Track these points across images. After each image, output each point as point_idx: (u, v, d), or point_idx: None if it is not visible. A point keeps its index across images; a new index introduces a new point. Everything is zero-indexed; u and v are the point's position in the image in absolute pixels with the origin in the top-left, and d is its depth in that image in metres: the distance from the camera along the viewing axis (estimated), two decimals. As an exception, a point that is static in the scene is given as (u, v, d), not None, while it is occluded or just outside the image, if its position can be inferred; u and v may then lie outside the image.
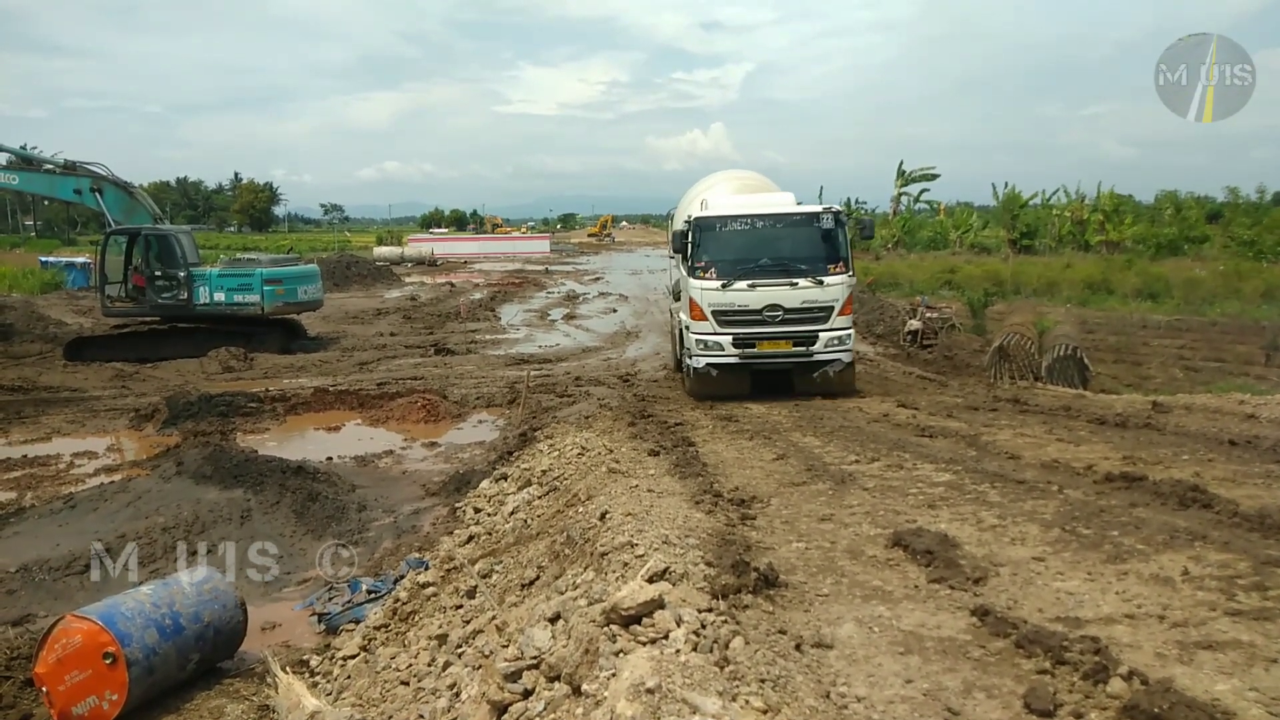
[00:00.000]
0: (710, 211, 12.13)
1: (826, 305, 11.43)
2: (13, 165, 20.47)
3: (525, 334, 23.53)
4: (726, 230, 11.82)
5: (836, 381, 11.65)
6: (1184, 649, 3.35)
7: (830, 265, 11.57)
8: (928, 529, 4.90)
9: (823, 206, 12.15)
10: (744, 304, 11.38)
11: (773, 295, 11.39)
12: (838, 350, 11.53)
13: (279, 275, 20.37)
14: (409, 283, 40.92)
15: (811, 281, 11.42)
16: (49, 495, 9.49)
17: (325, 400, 14.56)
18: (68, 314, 25.97)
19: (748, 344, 11.44)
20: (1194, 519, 4.98)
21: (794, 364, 11.67)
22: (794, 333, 11.44)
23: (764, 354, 11.55)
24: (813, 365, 11.56)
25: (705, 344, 11.57)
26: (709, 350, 11.56)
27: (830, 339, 11.45)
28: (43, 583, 7.06)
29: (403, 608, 5.91)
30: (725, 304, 11.42)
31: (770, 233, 11.90)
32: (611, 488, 6.03)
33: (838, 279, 11.51)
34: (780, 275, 11.50)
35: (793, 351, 11.53)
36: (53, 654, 5.02)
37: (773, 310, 11.37)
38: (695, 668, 2.77)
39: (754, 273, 11.48)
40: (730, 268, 11.55)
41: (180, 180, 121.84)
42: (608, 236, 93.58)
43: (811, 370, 11.61)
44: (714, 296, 11.46)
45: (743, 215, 11.93)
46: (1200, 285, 25.31)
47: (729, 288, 11.42)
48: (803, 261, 11.61)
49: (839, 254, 11.72)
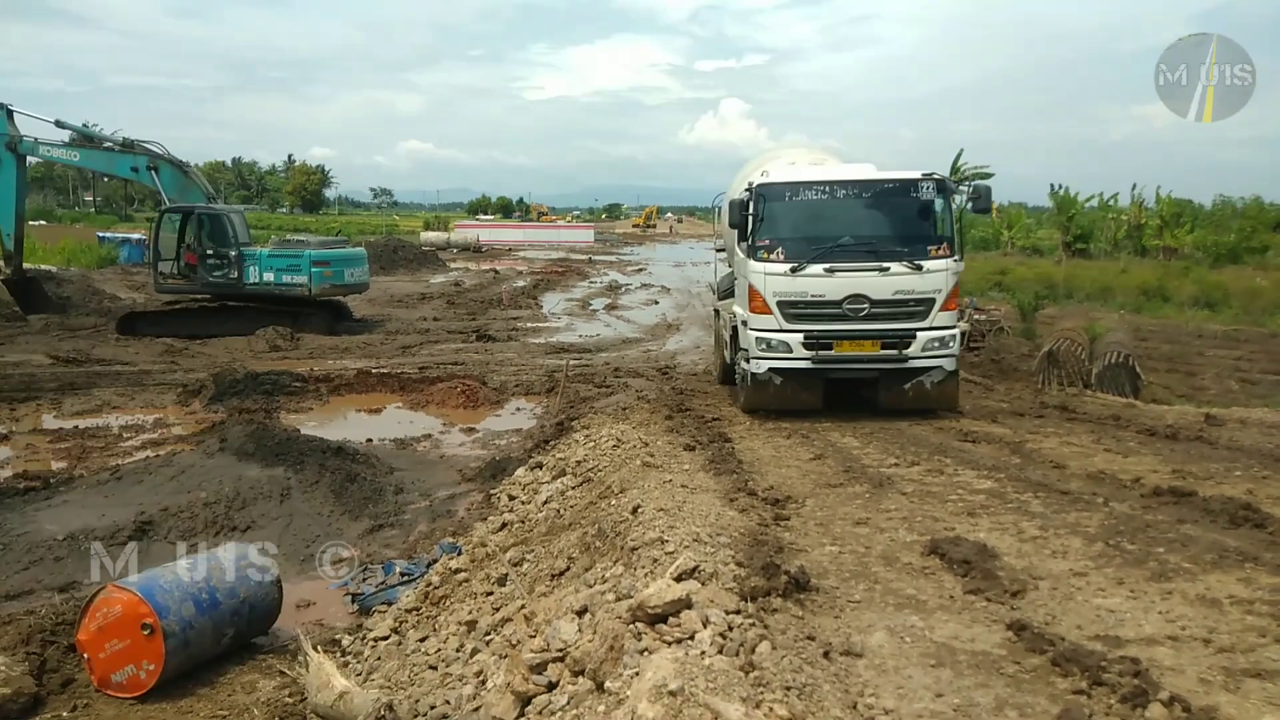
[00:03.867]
0: (778, 177, 10.01)
1: (926, 297, 9.30)
2: (75, 142, 21.01)
3: (566, 323, 23.57)
4: (798, 200, 9.68)
5: (935, 395, 9.47)
6: (1230, 675, 3.23)
7: (931, 247, 9.41)
8: (966, 538, 4.80)
9: (922, 172, 9.69)
10: (819, 293, 9.30)
11: (857, 283, 9.26)
12: (939, 355, 9.34)
13: (327, 257, 20.65)
14: (454, 268, 41.25)
15: (907, 266, 9.24)
16: (97, 466, 9.73)
17: (367, 382, 14.73)
18: (122, 289, 26.61)
19: (823, 345, 9.34)
20: (1245, 539, 4.81)
21: (881, 371, 9.53)
22: (883, 331, 9.31)
23: (843, 358, 9.43)
24: (905, 374, 9.40)
25: (767, 344, 9.45)
26: (772, 352, 9.48)
27: (930, 340, 9.26)
28: (88, 551, 7.23)
29: (434, 592, 5.95)
30: (795, 293, 9.33)
31: (854, 204, 9.78)
32: (645, 481, 6.00)
33: (941, 264, 9.32)
34: (867, 258, 9.37)
35: (881, 355, 9.36)
36: (94, 622, 5.14)
37: (856, 302, 9.26)
38: (720, 671, 2.73)
39: (833, 254, 9.34)
40: (802, 248, 9.44)
41: (235, 160, 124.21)
42: (651, 228, 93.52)
43: (903, 380, 9.43)
44: (781, 284, 9.36)
45: (819, 181, 9.78)
46: (1261, 295, 24.53)
47: (800, 272, 9.28)
48: (896, 241, 9.57)
49: (942, 232, 9.58)
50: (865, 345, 9.38)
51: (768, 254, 9.53)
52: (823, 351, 9.39)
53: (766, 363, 9.51)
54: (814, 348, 9.37)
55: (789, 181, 9.85)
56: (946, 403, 9.73)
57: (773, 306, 9.45)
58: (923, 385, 9.40)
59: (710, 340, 18.91)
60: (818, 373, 9.51)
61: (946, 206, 9.65)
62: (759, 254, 9.56)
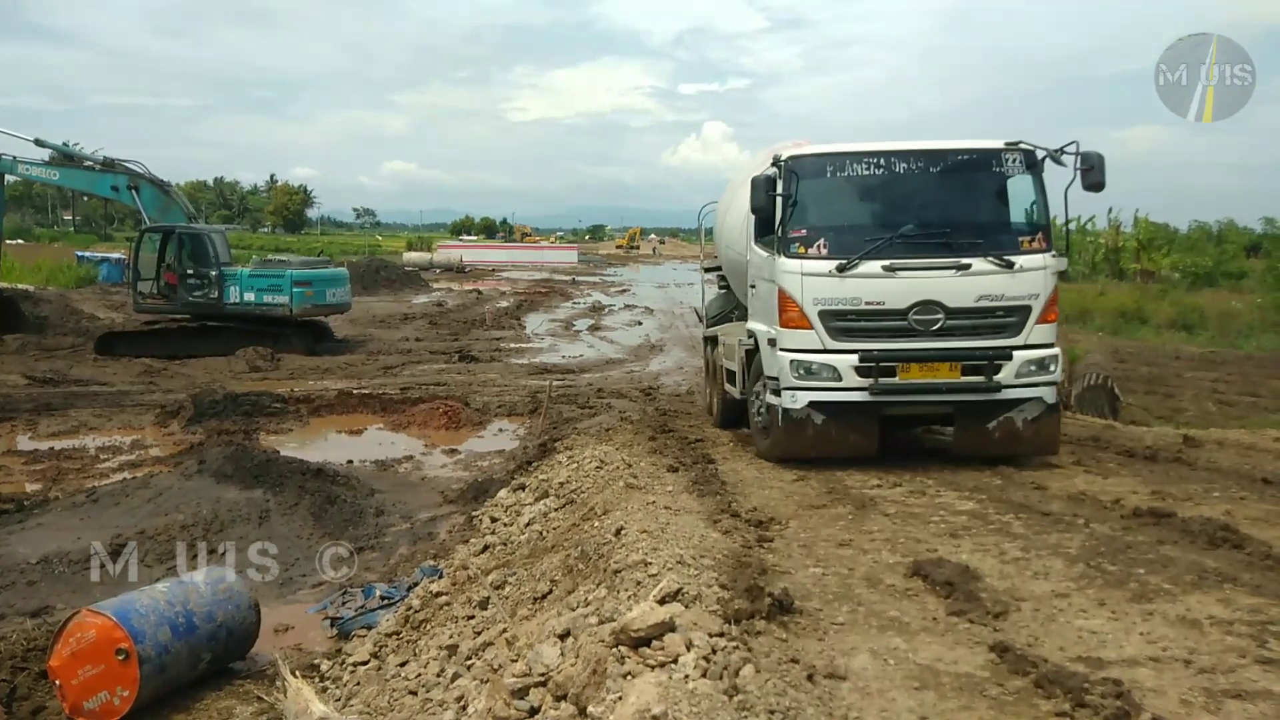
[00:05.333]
0: (816, 147, 7.86)
1: (1019, 304, 7.22)
2: (54, 161, 20.90)
3: (549, 343, 23.56)
4: (844, 177, 7.57)
5: (1029, 436, 7.36)
6: (1211, 697, 3.24)
7: (1023, 237, 7.41)
8: (949, 559, 4.80)
9: (1005, 141, 7.54)
10: (876, 300, 7.23)
11: (927, 286, 7.19)
12: (1037, 383, 7.24)
13: (308, 277, 20.61)
14: (437, 288, 41.20)
15: (994, 263, 7.18)
16: (73, 488, 9.60)
17: (348, 403, 14.65)
18: (100, 309, 26.39)
19: (884, 369, 7.21)
20: (1224, 559, 4.84)
21: (957, 405, 7.44)
22: (965, 351, 7.23)
23: (911, 387, 7.26)
24: (990, 408, 7.29)
25: (806, 369, 7.30)
26: (812, 380, 7.28)
27: (1027, 363, 7.19)
28: (62, 575, 7.13)
29: (415, 616, 5.89)
30: (844, 300, 7.25)
31: (918, 182, 7.66)
32: (628, 503, 5.98)
33: (1037, 260, 7.27)
34: (939, 252, 7.32)
35: (963, 384, 7.22)
36: (67, 648, 5.05)
37: (927, 311, 7.19)
38: (703, 695, 2.71)
39: (893, 248, 7.28)
40: (852, 239, 7.40)
41: (217, 180, 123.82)
42: (635, 249, 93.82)
43: (986, 416, 7.33)
44: (824, 288, 7.24)
45: (871, 152, 7.59)
46: (1237, 318, 24.86)
47: (850, 272, 7.19)
48: (975, 230, 7.53)
49: (1036, 219, 7.53)
50: (941, 370, 7.22)
51: (805, 248, 7.36)
52: (884, 379, 7.21)
53: (805, 395, 7.27)
54: (872, 374, 7.20)
55: (831, 152, 7.64)
56: (1044, 445, 7.54)
57: (813, 318, 7.28)
58: (1013, 423, 7.26)
59: (695, 363, 19.05)
60: (873, 407, 7.31)
61: (1039, 185, 7.49)
62: (793, 249, 7.41)
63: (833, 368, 7.28)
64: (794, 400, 7.37)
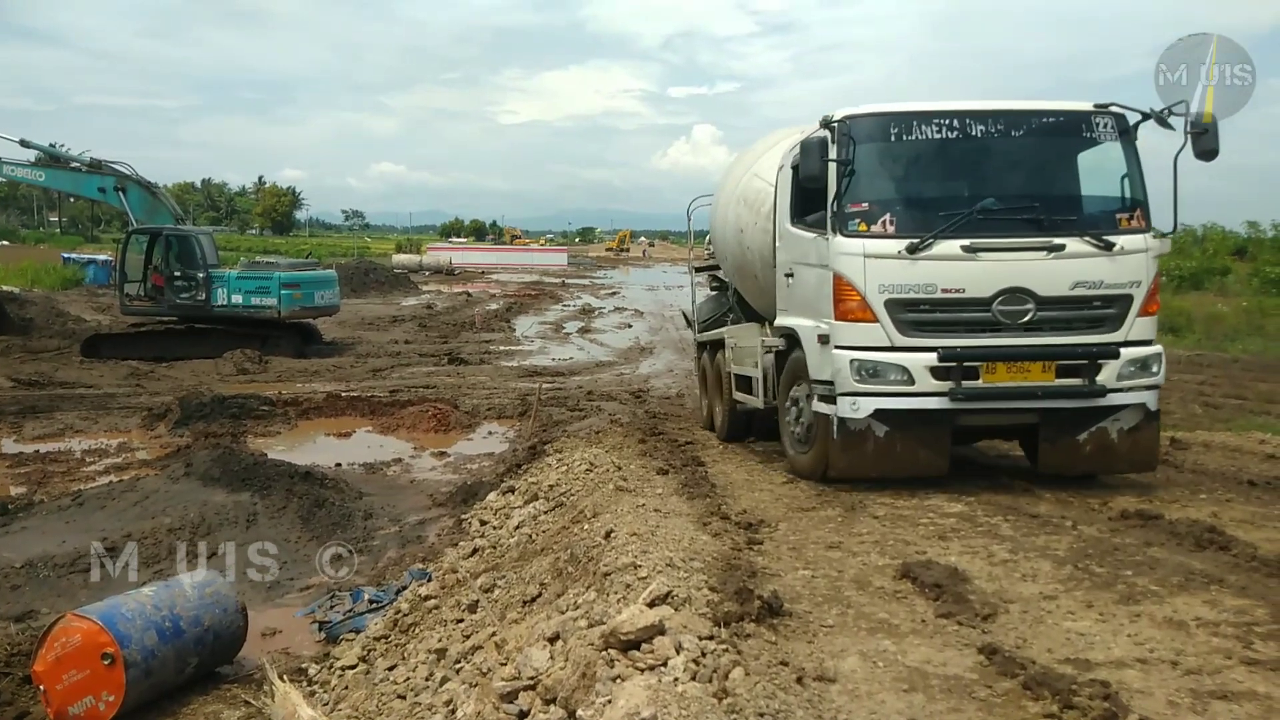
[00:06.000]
0: (879, 107, 6.68)
1: (1119, 293, 6.29)
2: (40, 162, 20.77)
3: (539, 346, 23.54)
4: (913, 141, 6.53)
5: (1125, 450, 6.43)
6: (1197, 698, 3.26)
7: (1120, 214, 6.46)
8: (937, 561, 4.81)
9: (1094, 103, 6.59)
10: (955, 286, 6.22)
11: (1015, 270, 6.23)
12: (1140, 386, 6.33)
13: (296, 279, 20.54)
14: (426, 291, 41.13)
15: (1092, 243, 6.24)
16: (58, 491, 9.53)
17: (337, 406, 14.59)
18: (87, 311, 26.23)
19: (965, 370, 6.20)
20: (1210, 561, 4.87)
21: (1044, 413, 6.44)
22: (1060, 348, 6.26)
23: (999, 391, 6.23)
24: (1081, 416, 6.35)
25: (871, 370, 6.26)
26: (877, 383, 6.26)
27: (1131, 362, 6.27)
28: (47, 579, 7.07)
29: (403, 619, 5.87)
30: (917, 286, 6.23)
31: (996, 148, 6.66)
32: (618, 506, 5.98)
33: (1137, 241, 6.33)
34: (1026, 229, 6.37)
35: (1059, 388, 6.24)
36: (52, 652, 5.01)
37: (1015, 301, 6.20)
38: (693, 699, 2.71)
39: (973, 224, 6.28)
40: (922, 214, 6.52)
41: (205, 182, 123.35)
42: (625, 251, 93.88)
43: (1076, 426, 6.39)
44: (892, 271, 6.24)
45: (944, 112, 6.53)
46: (1222, 320, 25.04)
47: (924, 252, 6.20)
48: (1065, 205, 6.62)
49: (1133, 193, 6.51)
50: (1032, 371, 6.21)
51: (867, 225, 6.35)
52: (968, 382, 6.18)
53: (870, 401, 6.24)
54: (952, 375, 6.17)
55: (896, 112, 6.60)
56: (1141, 460, 6.59)
57: (878, 309, 6.25)
58: (1107, 435, 6.32)
59: (685, 365, 19.02)
60: (947, 417, 6.30)
61: (1133, 154, 6.51)
62: (852, 226, 6.36)
63: (903, 368, 6.20)
64: (855, 408, 6.23)
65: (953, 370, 6.20)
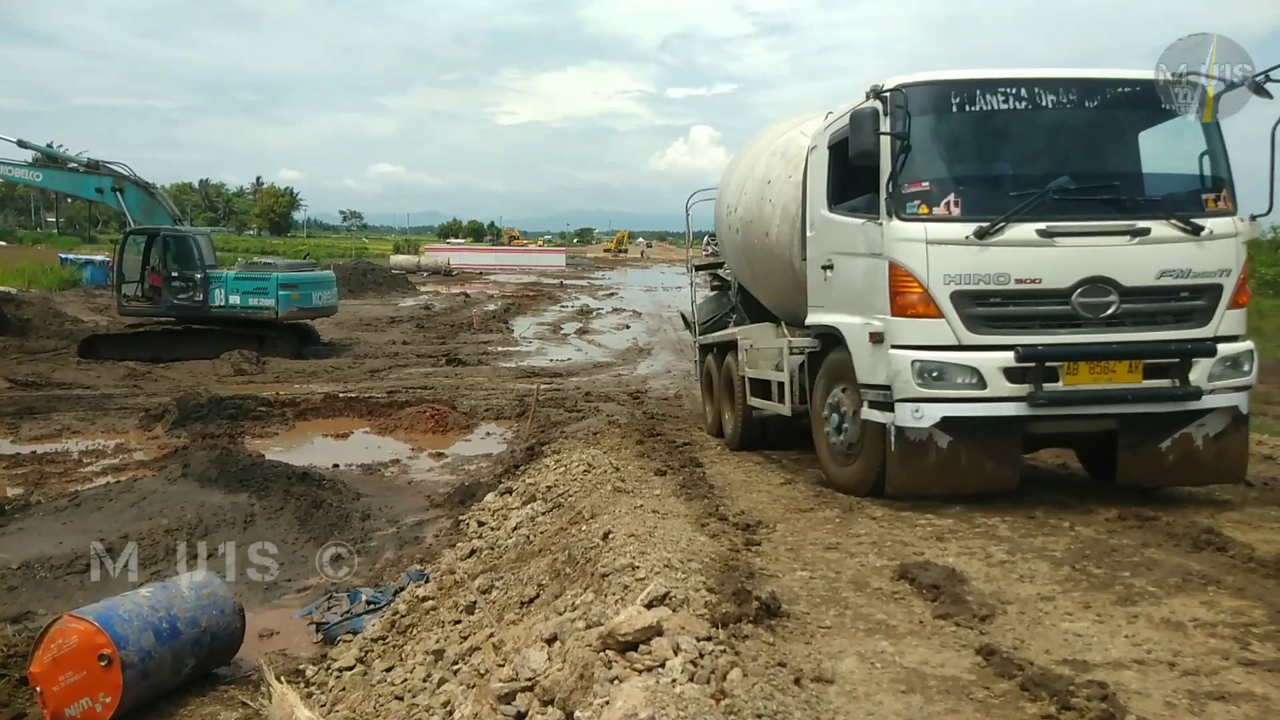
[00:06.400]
0: (939, 75, 6.01)
1: (1208, 283, 5.70)
2: (38, 163, 20.74)
3: (537, 347, 23.54)
4: (978, 113, 5.86)
5: (1211, 459, 5.79)
6: (1195, 699, 3.26)
7: (1206, 195, 5.85)
8: (935, 562, 4.82)
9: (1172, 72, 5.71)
10: (1031, 275, 5.59)
11: (1096, 258, 5.59)
12: (1232, 384, 5.73)
13: (294, 280, 20.54)
14: (424, 292, 41.13)
15: (1179, 227, 5.62)
16: (55, 492, 9.51)
17: (334, 407, 14.58)
18: (84, 311, 26.20)
19: (1043, 371, 5.54)
20: (1207, 562, 4.87)
21: (1125, 420, 5.74)
22: (1148, 345, 5.65)
23: (1079, 395, 5.60)
24: (1164, 422, 5.71)
25: (935, 372, 5.61)
26: (943, 386, 5.61)
27: (1223, 360, 5.68)
28: (44, 580, 7.05)
29: (401, 620, 5.86)
30: (988, 276, 5.58)
31: (1070, 121, 5.99)
32: (616, 507, 5.98)
33: (1226, 225, 5.73)
34: (1106, 211, 5.78)
35: (1146, 389, 5.60)
36: (48, 654, 5.00)
37: (1097, 292, 5.58)
38: (690, 700, 2.71)
39: (1045, 207, 5.62)
40: (990, 195, 5.94)
41: (202, 182, 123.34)
42: (623, 252, 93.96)
43: (1158, 433, 5.74)
44: (959, 259, 5.60)
45: (1012, 81, 5.85)
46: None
47: (995, 237, 5.56)
48: (1146, 184, 6.08)
49: (1216, 171, 5.90)
50: (1118, 371, 5.57)
51: (928, 207, 5.70)
52: (1047, 384, 5.51)
53: (936, 408, 5.57)
54: (1031, 378, 5.51)
55: (958, 80, 5.91)
56: (1228, 470, 5.95)
57: (943, 303, 5.60)
58: (1191, 442, 5.70)
59: (683, 366, 19.02)
60: (1017, 425, 5.66)
61: (1216, 128, 5.86)
62: (910, 209, 5.73)
63: (973, 370, 5.54)
64: (917, 416, 5.58)
65: (1031, 372, 5.52)
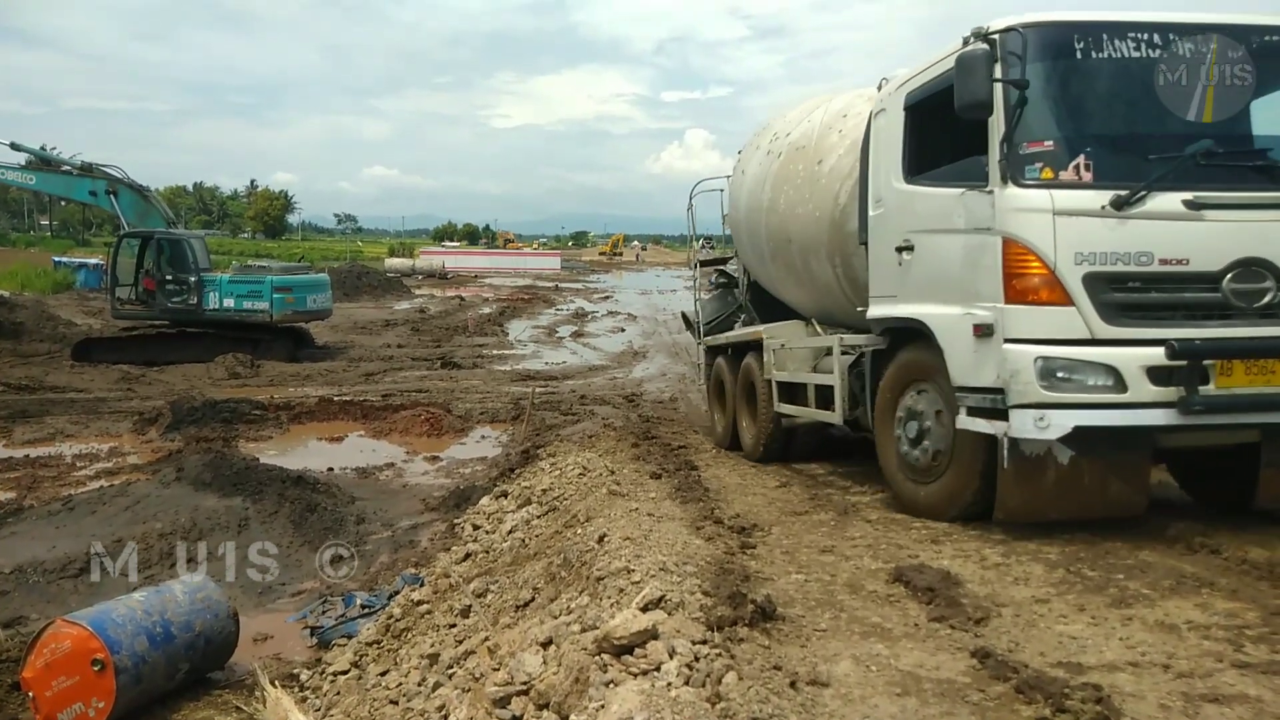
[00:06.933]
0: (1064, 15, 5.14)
1: None
2: (31, 165, 20.70)
3: (532, 350, 23.53)
4: (1107, 61, 4.99)
5: None
6: (1189, 701, 3.27)
7: None
8: (930, 565, 4.82)
9: None
10: (1177, 254, 4.77)
11: (1251, 235, 4.80)
12: None
13: (289, 283, 20.52)
14: (419, 295, 41.09)
15: None
16: (48, 496, 9.48)
17: (329, 410, 14.56)
18: (78, 314, 26.14)
19: (1193, 370, 4.69)
20: (1201, 565, 4.88)
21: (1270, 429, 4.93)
22: None
23: (1240, 400, 4.76)
24: None
25: (1064, 372, 4.78)
26: (1071, 390, 4.77)
27: None
28: (36, 585, 7.03)
29: (396, 624, 5.85)
30: (1127, 255, 4.75)
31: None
32: (611, 510, 5.97)
33: None
34: (1260, 180, 5.00)
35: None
36: (41, 658, 4.98)
37: (1251, 276, 4.78)
38: (686, 703, 2.71)
39: (1187, 174, 4.81)
40: (1128, 157, 5.06)
41: (196, 185, 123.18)
42: (618, 255, 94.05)
43: None
44: (1093, 234, 4.77)
45: (1149, 24, 5.03)
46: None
47: (1135, 206, 4.74)
48: None
49: None
50: (1277, 372, 4.77)
51: (1052, 171, 4.86)
52: (1200, 387, 4.68)
53: (1067, 416, 4.72)
54: (1178, 378, 4.69)
55: (1085, 21, 5.06)
56: None
57: (1073, 287, 4.76)
58: None
59: (678, 369, 19.02)
60: (1150, 436, 4.87)
61: None
62: (1031, 172, 4.89)
63: (1110, 369, 4.69)
64: (1042, 425, 4.71)
65: (1181, 372, 4.65)
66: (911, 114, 5.96)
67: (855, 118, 7.20)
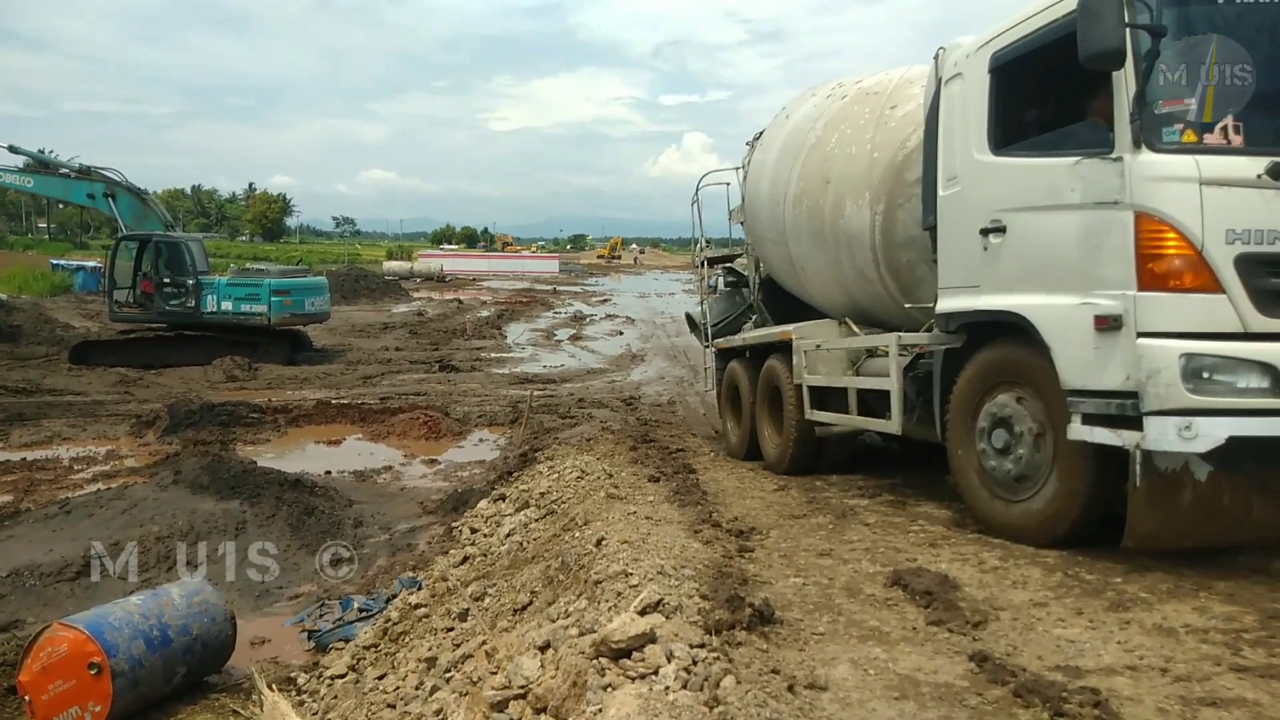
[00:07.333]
0: None
1: None
2: (29, 168, 20.66)
3: (530, 353, 23.52)
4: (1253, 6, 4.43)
5: None
6: (1187, 705, 3.27)
7: None
8: (928, 568, 4.82)
9: None
10: None
11: None
12: None
13: (287, 286, 20.51)
14: (417, 298, 41.08)
15: None
16: (45, 499, 9.46)
17: (327, 413, 14.54)
18: (75, 317, 26.09)
19: None
20: (1199, 568, 4.88)
21: None
22: None
23: None
24: None
25: (1213, 372, 4.12)
26: (1221, 392, 4.12)
27: None
28: (33, 588, 7.01)
29: (393, 628, 5.84)
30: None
31: None
32: (609, 513, 5.97)
33: None
34: None
35: None
36: (37, 662, 4.96)
37: None
38: (684, 707, 2.70)
39: None
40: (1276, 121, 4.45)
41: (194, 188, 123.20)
42: (616, 258, 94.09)
43: None
44: (1246, 208, 4.14)
45: None
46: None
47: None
48: None
49: None
50: None
51: (1195, 134, 4.30)
52: None
53: (1220, 424, 4.09)
54: None
55: None
56: None
57: (1223, 270, 4.14)
58: None
59: (677, 373, 19.04)
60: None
61: None
62: (1170, 134, 4.31)
63: (1269, 368, 4.07)
64: (1189, 435, 4.07)
65: None
66: (999, 76, 5.19)
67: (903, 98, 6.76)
